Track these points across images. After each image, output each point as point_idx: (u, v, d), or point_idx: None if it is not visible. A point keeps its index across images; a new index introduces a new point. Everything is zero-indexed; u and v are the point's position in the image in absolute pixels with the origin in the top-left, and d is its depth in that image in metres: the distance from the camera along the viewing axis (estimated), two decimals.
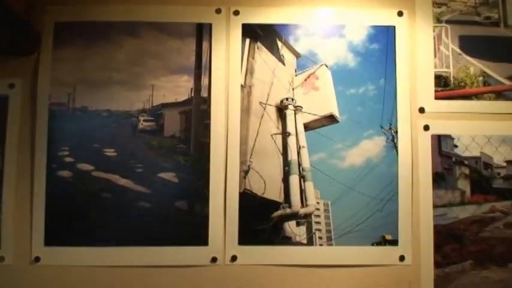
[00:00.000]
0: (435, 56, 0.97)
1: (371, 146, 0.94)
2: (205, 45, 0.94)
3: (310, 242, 0.92)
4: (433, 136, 0.95)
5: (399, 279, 0.93)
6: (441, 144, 0.95)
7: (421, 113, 0.96)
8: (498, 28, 0.99)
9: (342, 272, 0.93)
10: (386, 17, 0.97)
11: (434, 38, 0.97)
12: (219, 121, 0.92)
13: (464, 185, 0.95)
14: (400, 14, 0.97)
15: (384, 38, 0.96)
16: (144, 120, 0.92)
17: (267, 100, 0.94)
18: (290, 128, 0.94)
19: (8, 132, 0.91)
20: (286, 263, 0.92)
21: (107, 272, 0.90)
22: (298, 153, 0.93)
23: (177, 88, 0.93)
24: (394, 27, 0.97)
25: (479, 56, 0.97)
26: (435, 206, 0.94)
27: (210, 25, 0.94)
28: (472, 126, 0.96)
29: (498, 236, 0.95)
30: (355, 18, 0.97)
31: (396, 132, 0.94)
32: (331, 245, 0.93)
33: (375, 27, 0.97)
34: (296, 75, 0.96)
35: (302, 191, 0.93)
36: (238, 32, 0.94)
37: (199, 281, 0.90)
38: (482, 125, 0.96)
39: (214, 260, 0.90)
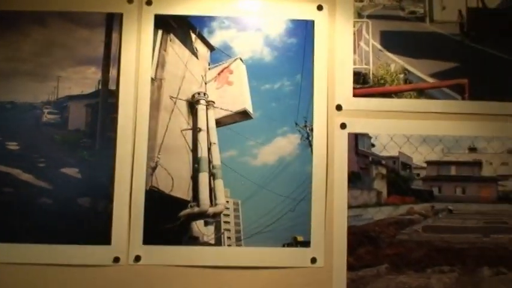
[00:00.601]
0: (355, 52, 0.98)
1: (285, 144, 0.94)
2: (115, 36, 0.94)
3: (218, 242, 0.93)
4: (350, 134, 0.96)
5: (310, 282, 0.94)
6: (358, 143, 0.96)
7: (338, 110, 0.97)
8: (423, 23, 1.01)
9: (250, 274, 0.94)
10: (305, 10, 0.98)
11: (354, 34, 0.98)
12: (127, 115, 0.93)
13: (380, 185, 0.96)
14: (319, 8, 0.98)
15: (302, 33, 0.97)
16: (48, 113, 0.93)
17: (178, 94, 0.95)
18: (201, 123, 0.95)
19: None
20: (193, 264, 0.93)
21: (4, 268, 0.90)
22: (209, 149, 0.94)
23: (83, 80, 0.94)
24: (313, 21, 0.97)
25: (401, 52, 0.99)
26: (350, 207, 0.95)
27: (121, 15, 0.95)
28: (391, 125, 0.97)
29: (416, 239, 0.97)
30: (273, 11, 0.98)
31: (311, 129, 0.95)
32: (240, 245, 0.94)
33: (294, 21, 0.98)
34: (209, 69, 0.97)
35: (211, 189, 0.93)
36: (150, 23, 0.94)
37: (101, 282, 0.91)
38: (402, 124, 0.97)
39: (116, 260, 0.91)
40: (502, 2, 1.03)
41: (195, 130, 0.96)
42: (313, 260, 0.96)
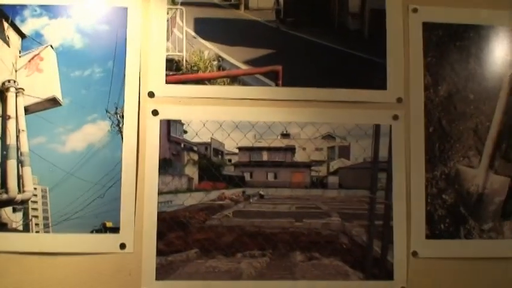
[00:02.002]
0: (168, 39, 1.10)
1: (94, 131, 1.07)
2: None
3: (26, 228, 1.06)
4: (162, 121, 1.09)
5: (120, 267, 1.07)
6: (170, 129, 1.09)
7: (151, 97, 1.10)
8: (238, 11, 1.14)
9: (59, 260, 1.07)
10: None
11: (168, 21, 1.10)
12: None
13: (192, 171, 1.09)
14: None
15: (115, 20, 1.10)
16: None
17: None
18: (10, 111, 1.07)
19: None
20: (2, 250, 1.04)
21: None
22: (17, 137, 1.06)
23: None
24: (127, 8, 1.09)
25: (215, 39, 1.12)
26: (160, 193, 1.08)
27: None
28: (203, 112, 1.10)
29: (227, 224, 1.10)
30: None
31: (122, 116, 1.07)
32: (48, 232, 1.06)
33: (106, 7, 1.09)
34: (20, 57, 1.08)
35: (19, 177, 1.05)
36: None
37: None
38: (215, 111, 1.10)
39: None
40: None
41: (4, 118, 1.08)
42: (122, 246, 1.08)
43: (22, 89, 1.12)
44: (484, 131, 1.19)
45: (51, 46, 1.13)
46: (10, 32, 1.12)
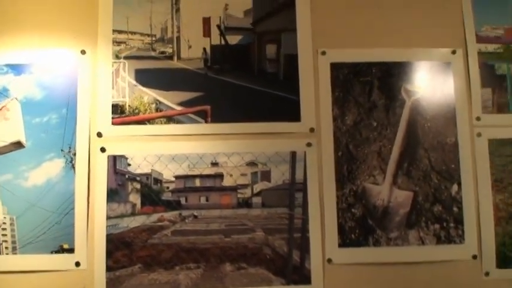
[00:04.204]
0: (113, 88, 1.61)
1: (52, 167, 1.57)
2: None
3: None
4: (109, 157, 1.59)
5: (75, 282, 1.56)
6: (116, 163, 1.59)
7: (99, 137, 1.60)
8: (172, 61, 1.65)
9: (25, 278, 1.56)
10: (71, 55, 1.62)
11: (113, 73, 1.62)
12: None
13: (135, 198, 1.59)
14: (83, 52, 1.63)
15: (69, 73, 1.61)
16: None
17: None
18: None
19: None
20: None
21: None
22: None
23: None
24: (78, 64, 1.61)
25: (153, 86, 1.64)
26: (108, 218, 1.57)
27: None
28: (144, 147, 1.61)
29: (166, 242, 1.58)
30: (44, 57, 1.62)
31: (75, 154, 1.57)
32: (15, 253, 1.54)
33: (61, 64, 1.61)
34: None
35: None
36: None
37: None
38: (154, 146, 1.61)
39: None
40: (241, 39, 1.68)
41: None
42: (77, 264, 1.57)
43: None
44: (387, 153, 1.68)
45: (16, 98, 1.63)
46: None
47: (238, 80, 1.71)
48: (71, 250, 1.61)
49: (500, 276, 1.69)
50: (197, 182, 1.67)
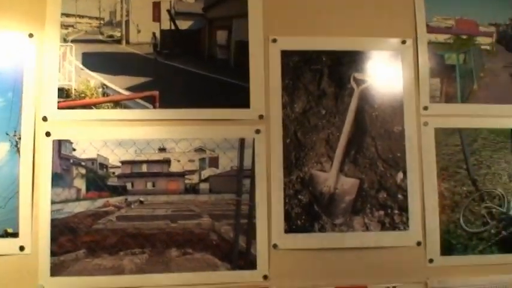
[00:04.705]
0: (60, 71, 1.65)
1: None
2: None
3: None
4: (54, 141, 1.63)
5: (20, 267, 1.61)
6: (61, 148, 1.63)
7: (44, 121, 1.65)
8: (120, 45, 1.70)
9: None
10: (18, 38, 1.65)
11: (60, 56, 1.66)
12: None
13: (80, 183, 1.64)
14: (30, 35, 1.68)
15: (16, 56, 1.64)
16: None
17: None
18: None
19: None
20: None
21: None
22: None
23: None
24: (24, 47, 1.64)
25: (100, 70, 1.68)
26: (53, 202, 1.62)
27: None
28: (90, 132, 1.66)
29: (111, 227, 1.64)
30: None
31: (20, 138, 1.61)
32: None
33: (8, 47, 1.64)
34: None
35: None
36: None
37: None
38: (100, 131, 1.66)
39: None
40: (192, 25, 1.73)
41: None
42: (22, 248, 1.62)
43: None
44: (335, 141, 1.76)
45: None
46: None
47: (188, 65, 1.78)
48: (15, 234, 1.66)
49: (444, 263, 1.79)
50: (144, 168, 1.73)
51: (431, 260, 1.80)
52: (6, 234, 1.67)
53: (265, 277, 1.72)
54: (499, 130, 1.89)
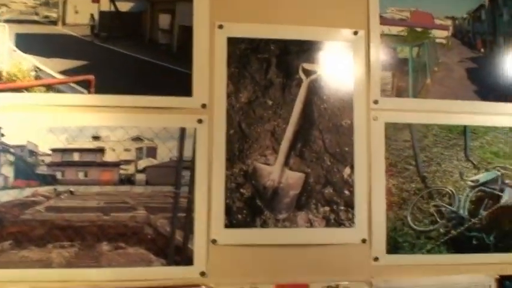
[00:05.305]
0: None
1: None
2: None
3: None
4: None
5: None
6: None
7: None
8: (56, 26, 1.67)
9: None
10: None
11: None
12: None
13: (8, 171, 1.60)
14: None
15: None
16: None
17: None
18: None
19: None
20: None
21: None
22: None
23: None
24: None
25: (34, 52, 1.66)
26: None
27: None
28: (20, 117, 1.63)
29: (39, 218, 1.60)
30: None
31: None
32: None
33: None
34: None
35: None
36: None
37: None
38: (31, 116, 1.64)
39: None
40: (133, 7, 1.71)
41: None
42: None
43: None
44: (281, 133, 1.76)
45: None
46: None
47: (128, 49, 1.76)
48: None
49: (389, 261, 1.81)
50: (76, 156, 1.71)
51: (376, 259, 1.81)
52: None
53: (202, 273, 1.71)
54: (451, 126, 1.91)
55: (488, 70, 1.99)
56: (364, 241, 1.82)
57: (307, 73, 1.85)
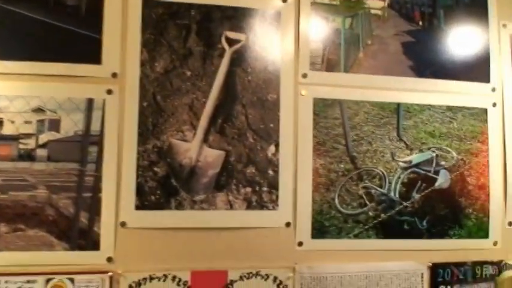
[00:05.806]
0: None
1: None
2: None
3: None
4: None
5: None
6: None
7: None
8: None
9: None
10: None
11: None
12: None
13: None
14: None
15: None
16: None
17: None
18: None
19: None
20: None
21: None
22: None
23: None
24: None
25: None
26: None
27: None
28: None
29: None
30: None
31: None
32: None
33: None
34: None
35: None
36: None
37: None
38: None
39: None
40: None
41: None
42: None
43: None
44: (200, 107, 1.68)
45: None
46: None
47: (30, 11, 1.65)
48: None
49: (314, 246, 1.77)
50: None
51: (300, 243, 1.77)
52: None
53: (109, 259, 1.64)
54: (383, 104, 1.87)
55: (425, 45, 1.95)
56: (288, 225, 1.77)
57: (231, 42, 1.77)
